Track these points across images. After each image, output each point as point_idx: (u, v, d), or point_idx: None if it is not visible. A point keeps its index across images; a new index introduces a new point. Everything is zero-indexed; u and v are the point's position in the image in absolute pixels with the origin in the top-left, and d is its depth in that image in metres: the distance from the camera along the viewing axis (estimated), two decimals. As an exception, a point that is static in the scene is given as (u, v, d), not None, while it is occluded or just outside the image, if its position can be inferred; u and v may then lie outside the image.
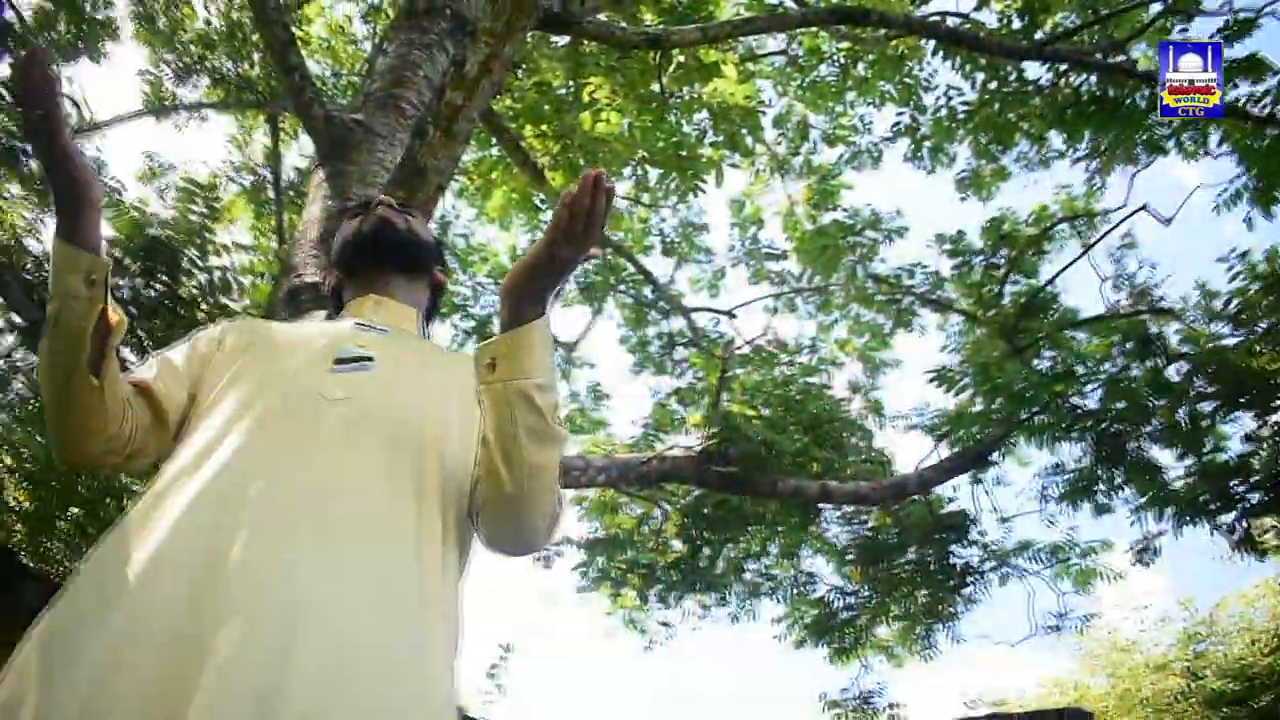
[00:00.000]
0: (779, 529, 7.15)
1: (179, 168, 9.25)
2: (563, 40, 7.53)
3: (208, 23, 8.92)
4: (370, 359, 1.45)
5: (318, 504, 1.18)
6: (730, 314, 8.73)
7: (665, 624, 7.73)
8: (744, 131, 7.41)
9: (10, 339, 5.18)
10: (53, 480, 4.30)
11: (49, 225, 5.90)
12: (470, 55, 3.59)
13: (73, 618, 1.10)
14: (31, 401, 4.44)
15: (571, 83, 7.33)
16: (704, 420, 6.65)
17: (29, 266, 5.47)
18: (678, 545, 7.33)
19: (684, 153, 7.09)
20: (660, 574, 7.17)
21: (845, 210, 8.18)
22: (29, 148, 5.73)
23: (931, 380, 6.39)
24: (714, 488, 6.35)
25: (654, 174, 8.02)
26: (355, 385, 1.38)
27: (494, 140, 8.29)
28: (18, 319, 5.05)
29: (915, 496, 6.43)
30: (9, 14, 4.95)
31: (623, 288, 9.39)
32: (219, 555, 1.09)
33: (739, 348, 7.53)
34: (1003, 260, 7.17)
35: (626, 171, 8.52)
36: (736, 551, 7.42)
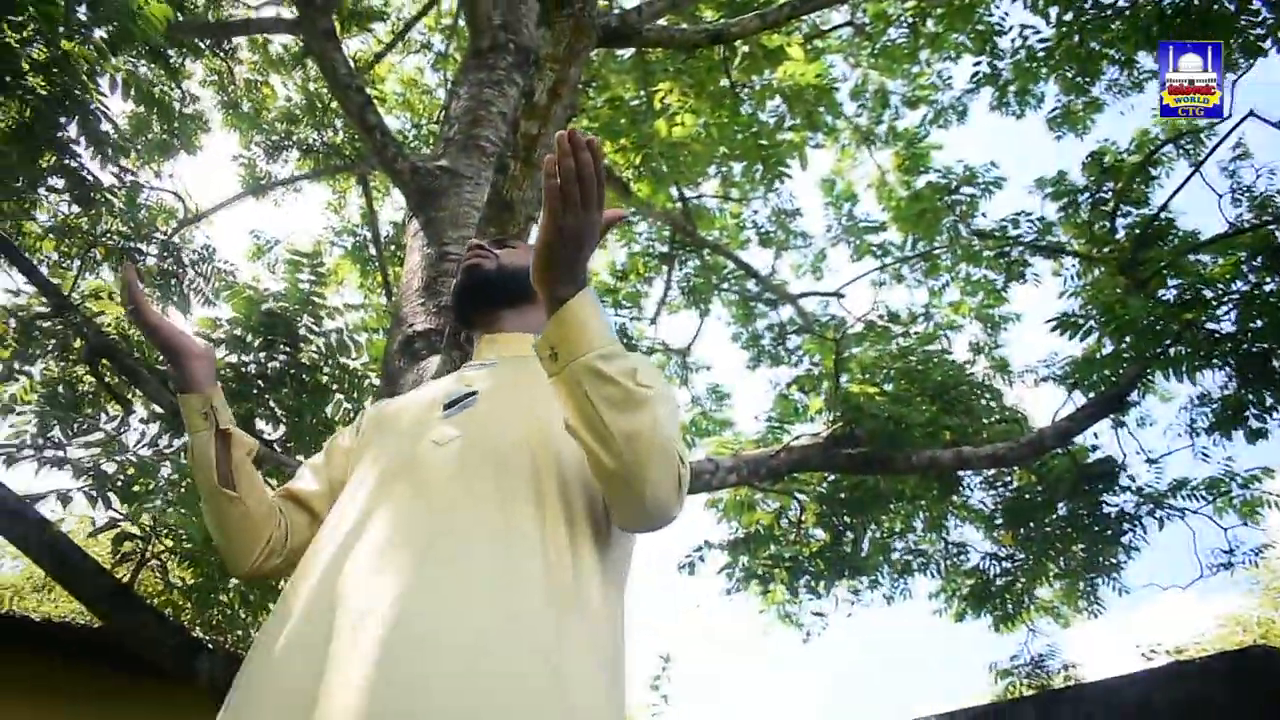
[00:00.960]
0: (920, 503, 7.02)
1: (283, 240, 9.63)
2: (627, 52, 7.57)
3: (288, 99, 9.27)
4: (474, 394, 1.49)
5: (430, 534, 1.23)
6: (838, 294, 8.64)
7: (819, 614, 7.65)
8: (821, 110, 7.32)
9: (154, 427, 5.42)
10: (211, 555, 4.48)
11: (171, 314, 6.16)
12: (538, 84, 3.64)
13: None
14: (181, 485, 4.65)
15: (642, 92, 7.35)
16: (826, 405, 6.58)
17: (159, 358, 5.72)
18: (819, 534, 7.25)
19: (764, 142, 7.04)
20: (806, 565, 7.10)
21: (938, 170, 7.99)
22: (142, 246, 6.03)
23: (1054, 329, 6.18)
24: (847, 470, 6.27)
25: (738, 168, 8.01)
26: (463, 424, 1.43)
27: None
28: (158, 408, 5.28)
29: (1055, 450, 6.23)
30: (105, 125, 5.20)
31: (726, 286, 9.37)
32: (335, 602, 1.16)
33: (851, 327, 7.43)
34: (1110, 194, 6.91)
35: (711, 170, 8.53)
36: (880, 532, 7.31)
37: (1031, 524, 6.90)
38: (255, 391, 5.30)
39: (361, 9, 8.80)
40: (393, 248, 9.19)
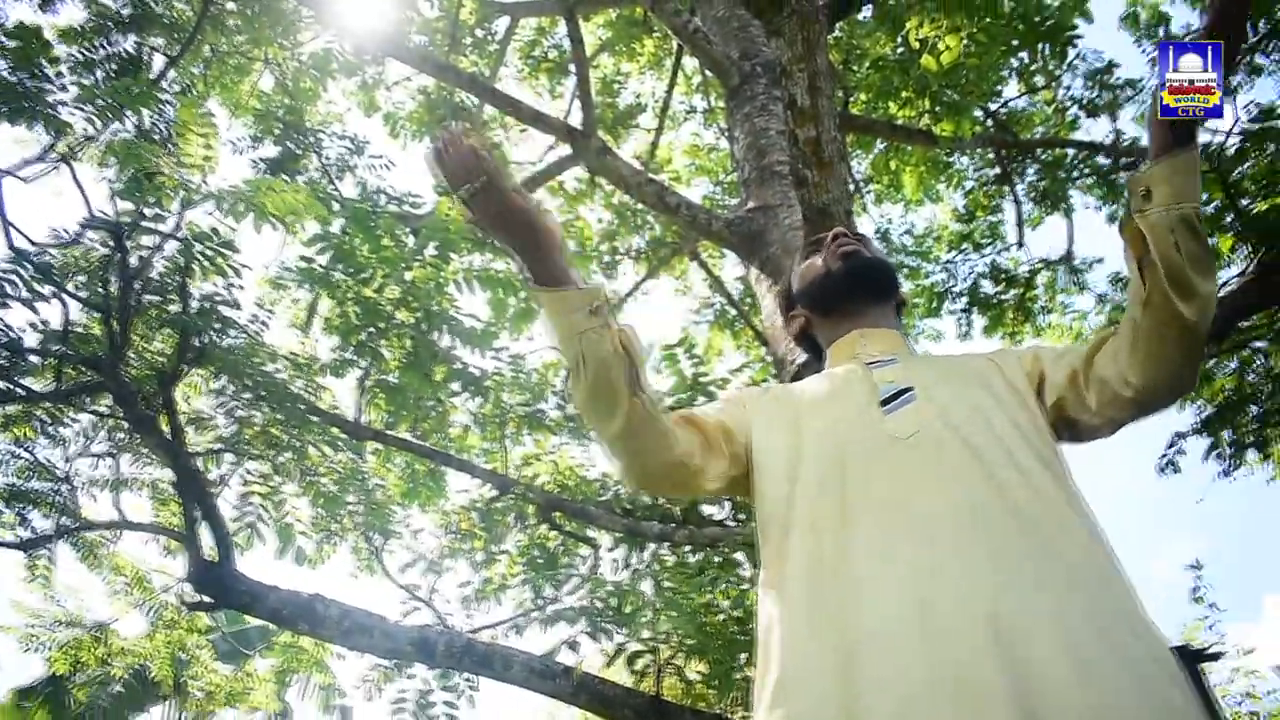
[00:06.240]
0: None
1: (654, 342, 10.17)
2: (865, 13, 7.41)
3: (599, 220, 9.90)
4: (909, 389, 1.46)
5: (989, 527, 1.22)
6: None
7: None
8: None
9: (621, 550, 5.83)
10: (719, 642, 4.72)
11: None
12: (794, 90, 3.67)
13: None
14: (669, 591, 4.98)
15: (898, 39, 7.15)
16: (1237, 238, 5.85)
17: (601, 489, 6.20)
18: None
19: (1037, 18, 6.56)
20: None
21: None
22: (543, 406, 6.60)
23: None
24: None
25: (1025, 58, 7.49)
26: (913, 419, 1.39)
27: (874, 137, 8.24)
28: (617, 533, 5.69)
29: None
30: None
31: (1076, 174, 8.68)
32: (975, 604, 1.14)
33: (1224, 146, 6.58)
34: None
35: (1003, 74, 8.05)
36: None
37: None
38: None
39: (619, 113, 9.28)
40: (749, 300, 9.40)
